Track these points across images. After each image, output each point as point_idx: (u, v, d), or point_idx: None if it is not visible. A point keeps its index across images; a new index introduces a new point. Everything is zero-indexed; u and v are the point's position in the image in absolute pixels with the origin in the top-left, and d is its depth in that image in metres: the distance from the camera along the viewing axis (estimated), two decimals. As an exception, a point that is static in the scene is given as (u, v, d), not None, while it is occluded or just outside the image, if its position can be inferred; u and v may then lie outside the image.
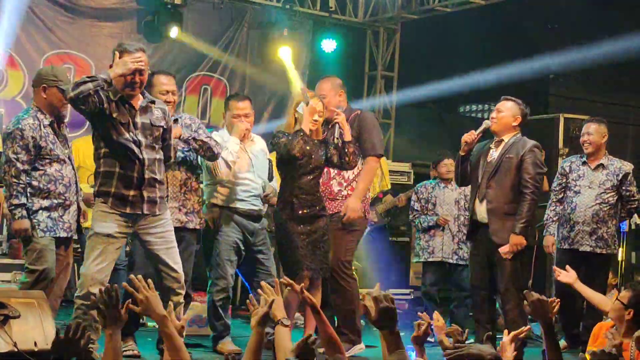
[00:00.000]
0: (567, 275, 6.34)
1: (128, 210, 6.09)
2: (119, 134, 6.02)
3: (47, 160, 6.47)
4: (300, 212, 6.83)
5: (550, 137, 10.71)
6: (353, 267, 7.57)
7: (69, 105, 6.42)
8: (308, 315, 6.93)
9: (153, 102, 6.25)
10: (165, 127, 6.27)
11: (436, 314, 5.03)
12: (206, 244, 7.44)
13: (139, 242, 6.40)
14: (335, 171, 7.36)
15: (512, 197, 7.15)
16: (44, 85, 6.54)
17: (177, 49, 12.46)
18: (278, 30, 13.03)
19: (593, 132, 8.31)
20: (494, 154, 7.26)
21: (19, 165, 6.34)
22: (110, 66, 6.01)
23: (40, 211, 6.43)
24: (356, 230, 7.47)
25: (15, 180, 6.33)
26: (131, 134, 6.05)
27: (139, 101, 6.14)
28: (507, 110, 7.27)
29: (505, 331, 4.71)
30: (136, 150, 6.06)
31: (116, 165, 6.05)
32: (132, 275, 3.98)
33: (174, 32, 12.04)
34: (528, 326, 5.59)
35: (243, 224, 7.33)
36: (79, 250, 9.42)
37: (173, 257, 6.24)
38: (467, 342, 4.50)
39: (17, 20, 11.11)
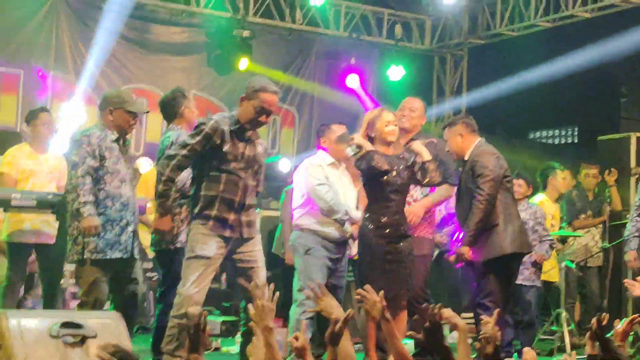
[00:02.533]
0: None
1: (227, 234, 6.15)
2: (227, 164, 6.14)
3: (108, 175, 6.49)
4: (387, 231, 6.78)
5: (622, 156, 10.58)
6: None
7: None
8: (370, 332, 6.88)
9: (258, 136, 6.38)
10: (262, 163, 6.42)
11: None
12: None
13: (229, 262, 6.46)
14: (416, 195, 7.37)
15: None
16: (110, 107, 6.60)
17: (246, 81, 12.55)
18: (345, 59, 13.16)
19: None
20: (460, 175, 7.30)
21: (85, 167, 6.37)
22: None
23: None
24: (426, 254, 7.46)
25: (82, 179, 6.34)
26: (239, 163, 6.17)
27: (250, 133, 6.28)
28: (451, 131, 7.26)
29: None
30: (242, 175, 6.17)
31: (219, 189, 6.13)
32: (254, 283, 4.11)
33: (243, 63, 12.21)
34: None
35: (329, 248, 7.39)
36: (154, 278, 9.56)
37: (260, 276, 6.31)
38: None
39: (102, 61, 11.45)
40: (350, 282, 9.65)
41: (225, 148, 6.09)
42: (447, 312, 4.35)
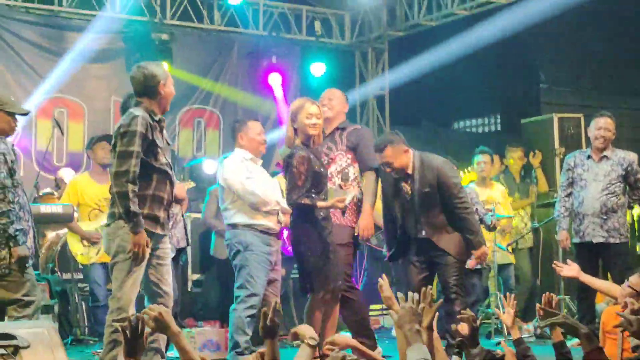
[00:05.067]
0: (570, 269, 6.33)
1: (158, 231, 5.97)
2: (156, 159, 5.92)
3: (19, 187, 6.31)
4: (325, 223, 6.84)
5: (545, 138, 10.76)
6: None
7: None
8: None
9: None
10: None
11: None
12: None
13: None
14: (339, 182, 7.37)
15: (447, 218, 7.20)
16: None
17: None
18: (267, 57, 13.13)
19: (610, 127, 8.27)
20: (408, 188, 7.23)
21: (9, 190, 6.14)
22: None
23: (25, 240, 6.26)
24: (348, 243, 7.47)
25: (11, 205, 6.15)
26: (165, 156, 5.99)
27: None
28: (391, 156, 7.11)
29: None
30: (170, 172, 6.02)
31: (150, 188, 5.91)
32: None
33: (164, 67, 12.05)
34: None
35: (268, 242, 7.28)
36: (86, 289, 9.38)
37: (167, 273, 6.14)
38: None
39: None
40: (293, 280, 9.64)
41: (157, 141, 5.91)
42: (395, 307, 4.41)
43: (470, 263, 7.43)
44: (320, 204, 6.76)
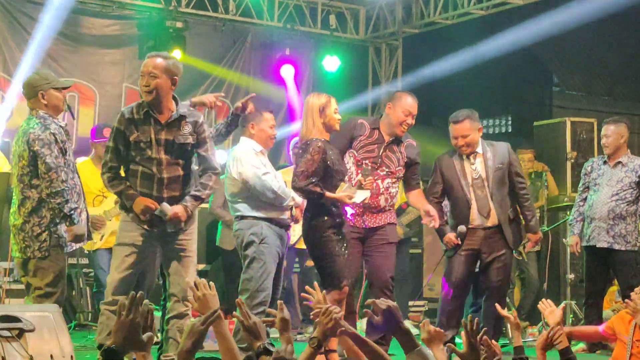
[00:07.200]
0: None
1: (146, 227, 6.04)
2: (139, 154, 5.98)
3: (69, 168, 6.24)
4: (337, 220, 6.72)
5: (557, 142, 10.69)
6: None
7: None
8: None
9: (184, 116, 6.07)
10: (193, 142, 6.09)
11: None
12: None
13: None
14: (384, 187, 7.23)
15: (509, 202, 7.38)
16: (41, 91, 6.26)
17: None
18: (280, 49, 13.10)
19: (611, 133, 8.26)
20: (477, 166, 7.29)
21: (62, 169, 6.11)
22: None
23: (63, 224, 6.18)
24: (396, 242, 7.44)
25: (65, 184, 6.10)
26: (153, 151, 5.97)
27: (169, 115, 6.02)
28: (469, 129, 7.27)
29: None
30: (155, 169, 5.98)
31: (136, 184, 6.01)
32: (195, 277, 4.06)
33: (176, 55, 12.03)
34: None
35: (282, 235, 7.21)
36: (91, 274, 9.38)
37: (187, 266, 6.17)
38: None
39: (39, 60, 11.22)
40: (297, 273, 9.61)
41: (132, 137, 5.95)
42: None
43: (529, 245, 7.91)
44: (328, 194, 6.66)
